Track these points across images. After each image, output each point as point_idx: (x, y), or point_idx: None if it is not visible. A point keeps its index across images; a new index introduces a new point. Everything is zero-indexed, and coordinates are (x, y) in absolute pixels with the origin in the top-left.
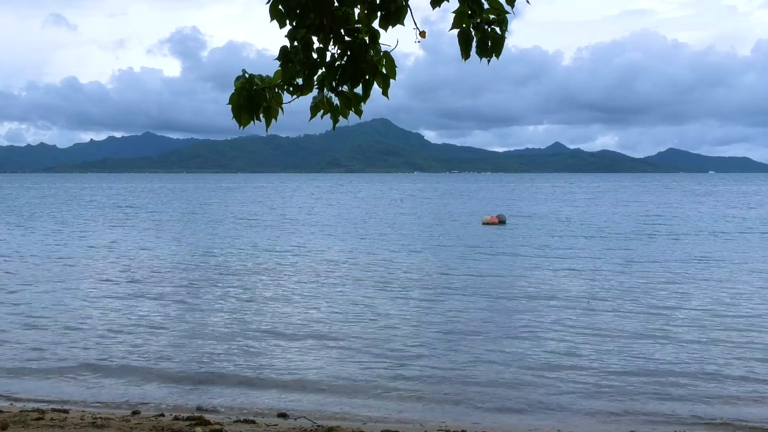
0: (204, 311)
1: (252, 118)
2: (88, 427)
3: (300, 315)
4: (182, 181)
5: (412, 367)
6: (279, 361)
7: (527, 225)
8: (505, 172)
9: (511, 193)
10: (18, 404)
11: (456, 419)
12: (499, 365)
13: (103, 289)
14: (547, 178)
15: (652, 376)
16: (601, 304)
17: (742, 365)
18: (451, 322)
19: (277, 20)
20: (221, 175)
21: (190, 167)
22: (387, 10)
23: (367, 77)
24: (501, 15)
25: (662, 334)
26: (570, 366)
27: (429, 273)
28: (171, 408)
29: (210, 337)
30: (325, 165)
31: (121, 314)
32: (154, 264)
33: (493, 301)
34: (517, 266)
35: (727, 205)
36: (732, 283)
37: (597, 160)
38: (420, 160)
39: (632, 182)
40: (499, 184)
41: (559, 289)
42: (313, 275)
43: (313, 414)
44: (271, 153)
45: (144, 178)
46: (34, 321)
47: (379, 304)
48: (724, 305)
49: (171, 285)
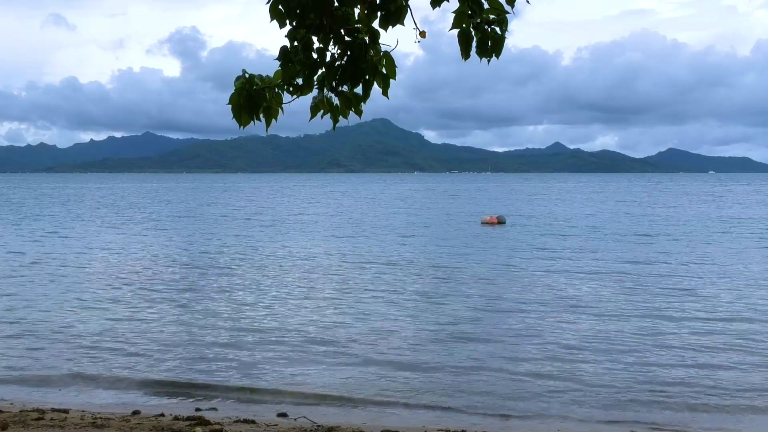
0: (203, 311)
1: (252, 118)
2: (88, 427)
3: (299, 315)
4: (181, 181)
5: (413, 368)
6: (279, 361)
7: (527, 225)
8: (505, 172)
9: (511, 193)
10: (18, 404)
11: (456, 420)
12: (498, 367)
13: (101, 290)
14: (547, 178)
15: (651, 381)
16: (600, 305)
17: (742, 371)
18: (450, 323)
19: (277, 20)
20: (221, 175)
21: (191, 167)
22: (387, 10)
23: (367, 77)
24: (501, 15)
25: (662, 338)
26: (570, 369)
27: (428, 273)
28: (171, 408)
29: (210, 336)
30: (325, 165)
31: (120, 314)
32: (151, 264)
33: (492, 302)
34: (516, 267)
35: (729, 205)
36: (732, 284)
37: (597, 160)
38: (420, 160)
39: (632, 182)
40: (499, 184)
41: (558, 290)
42: (311, 276)
43: (312, 414)
44: (271, 153)
45: (143, 178)
46: (30, 324)
47: (377, 305)
48: (725, 308)
49: (169, 285)
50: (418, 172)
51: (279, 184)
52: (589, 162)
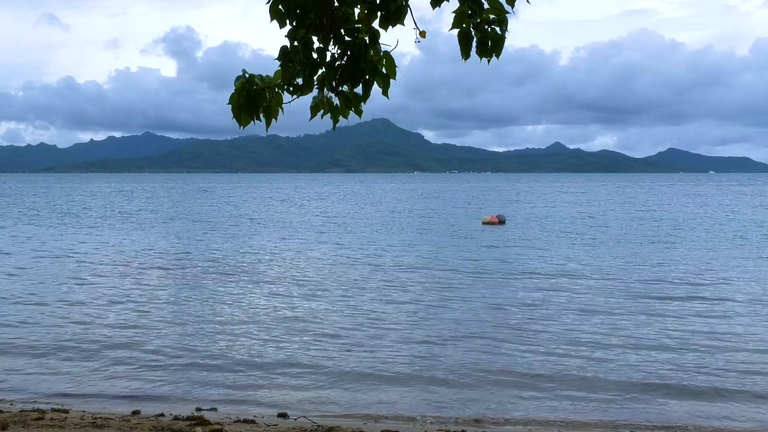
0: (202, 311)
1: (252, 118)
2: (88, 427)
3: (299, 316)
4: (181, 181)
5: (413, 368)
6: (279, 361)
7: (527, 225)
8: (504, 172)
9: (511, 193)
10: (18, 404)
11: (456, 420)
12: (498, 367)
13: (98, 290)
14: (547, 178)
15: (652, 381)
16: (600, 306)
17: (741, 374)
18: (449, 322)
19: (277, 20)
20: (221, 174)
21: (191, 167)
22: (387, 10)
23: (367, 77)
24: (501, 15)
25: (663, 338)
26: (570, 369)
27: (428, 273)
28: (171, 408)
29: (209, 336)
30: (325, 165)
31: (119, 314)
32: (150, 264)
33: (492, 301)
34: (516, 266)
35: (733, 205)
36: (733, 285)
37: (597, 160)
38: (420, 160)
39: (633, 182)
40: (500, 184)
41: (558, 290)
42: (312, 275)
43: (313, 414)
44: (271, 153)
45: (143, 178)
46: (30, 324)
47: (377, 304)
48: (725, 308)
49: (167, 285)
50: (418, 172)
51: (283, 183)
52: (589, 162)
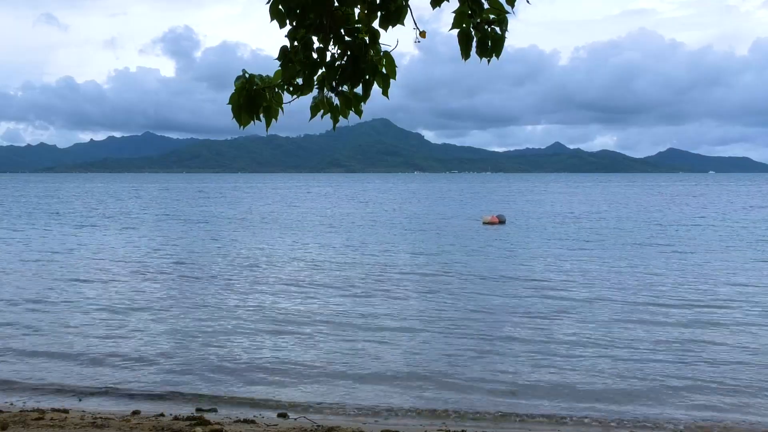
0: (202, 311)
1: (252, 118)
2: (88, 427)
3: (300, 315)
4: (180, 181)
5: (412, 368)
6: (279, 361)
7: (527, 225)
8: (504, 172)
9: (512, 193)
10: (18, 404)
11: (456, 420)
12: (498, 367)
13: (98, 289)
14: (547, 178)
15: (651, 381)
16: (600, 306)
17: (741, 374)
18: (449, 322)
19: (277, 20)
20: (221, 174)
21: (191, 167)
22: (387, 10)
23: (367, 77)
24: (501, 15)
25: (663, 337)
26: (569, 370)
27: (429, 273)
28: (171, 408)
29: (209, 336)
30: (325, 165)
31: (119, 314)
32: (149, 263)
33: (492, 301)
34: (517, 266)
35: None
36: (733, 285)
37: (597, 160)
38: (420, 160)
39: (633, 182)
40: (500, 184)
41: (558, 290)
42: (312, 275)
43: (313, 414)
44: (271, 153)
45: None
46: (29, 325)
47: (377, 304)
48: (725, 308)
49: (167, 284)
50: (418, 172)
51: (283, 183)
52: (589, 162)
